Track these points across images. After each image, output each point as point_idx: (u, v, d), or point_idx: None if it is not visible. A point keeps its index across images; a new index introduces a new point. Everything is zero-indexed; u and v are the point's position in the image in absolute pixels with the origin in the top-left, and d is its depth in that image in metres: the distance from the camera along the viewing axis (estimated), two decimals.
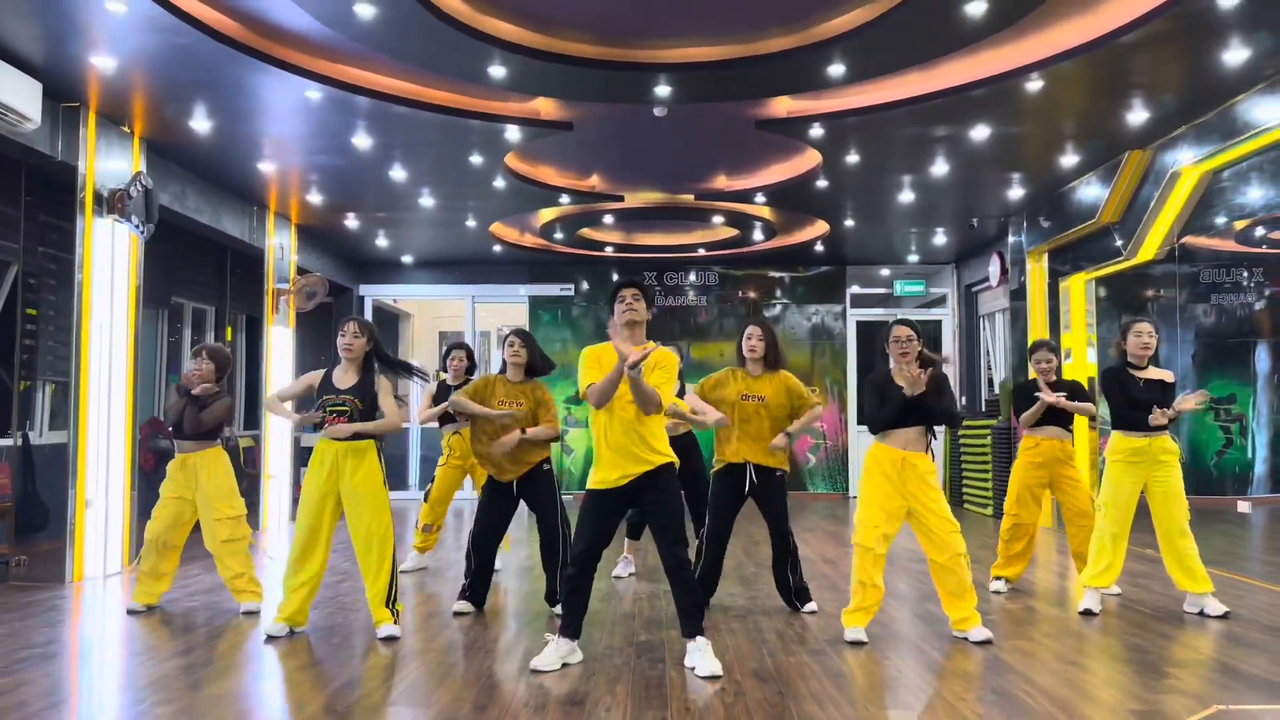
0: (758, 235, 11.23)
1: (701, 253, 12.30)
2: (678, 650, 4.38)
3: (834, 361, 12.96)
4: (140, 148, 7.24)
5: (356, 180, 8.70)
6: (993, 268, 11.14)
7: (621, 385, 4.17)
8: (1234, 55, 5.90)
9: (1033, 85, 6.36)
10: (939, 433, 11.17)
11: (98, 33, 5.48)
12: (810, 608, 5.37)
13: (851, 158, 8.01)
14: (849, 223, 10.55)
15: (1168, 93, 6.64)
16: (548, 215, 10.22)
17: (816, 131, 7.34)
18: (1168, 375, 5.41)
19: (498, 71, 6.10)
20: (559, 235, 11.12)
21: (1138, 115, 7.02)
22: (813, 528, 9.32)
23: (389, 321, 15.07)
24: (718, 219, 10.38)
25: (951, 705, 3.70)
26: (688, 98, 6.56)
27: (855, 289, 13.12)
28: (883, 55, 5.96)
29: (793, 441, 5.28)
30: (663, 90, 6.39)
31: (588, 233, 11.17)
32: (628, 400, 4.20)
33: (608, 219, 10.25)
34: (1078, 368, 9.17)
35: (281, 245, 10.12)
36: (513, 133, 7.28)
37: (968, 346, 12.85)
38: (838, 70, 6.12)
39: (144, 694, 3.87)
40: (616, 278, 12.76)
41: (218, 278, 10.56)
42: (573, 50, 5.98)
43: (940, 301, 13.19)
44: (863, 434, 12.35)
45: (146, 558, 5.47)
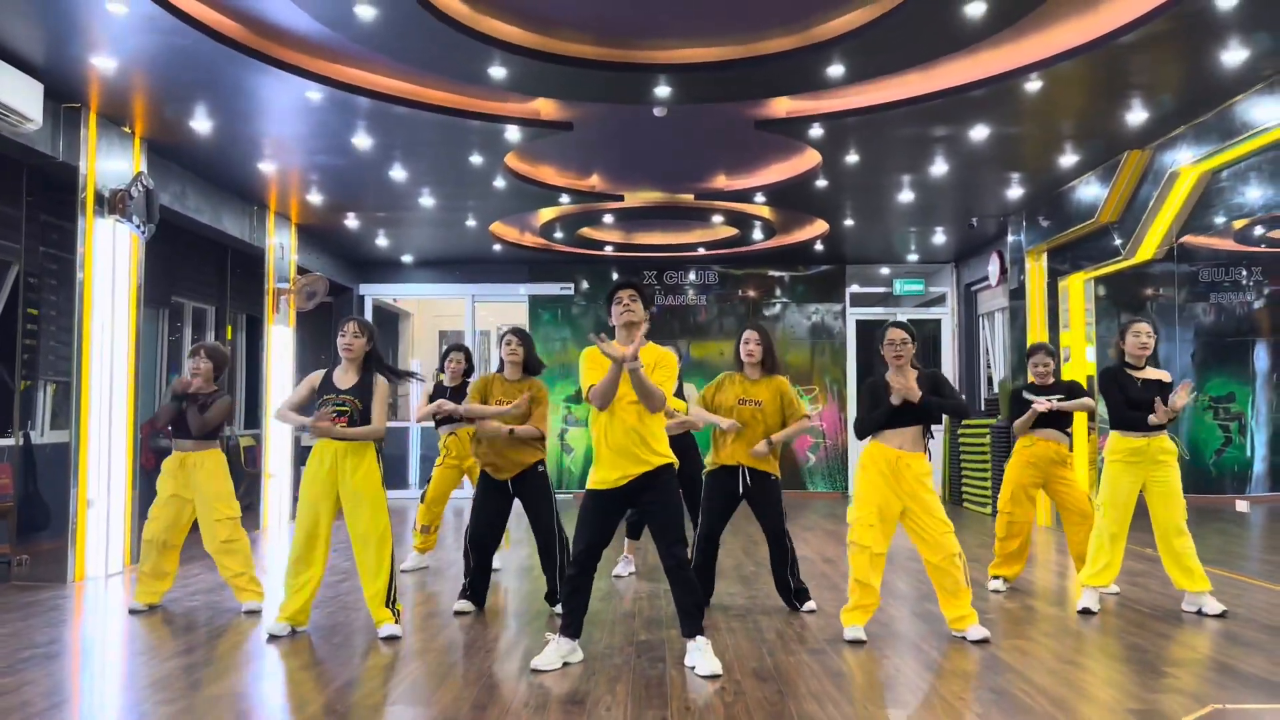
0: (757, 234, 11.24)
1: (701, 252, 12.32)
2: (678, 649, 4.40)
3: (834, 360, 12.97)
4: (141, 148, 7.26)
5: (357, 180, 8.71)
6: (992, 267, 11.15)
7: (623, 386, 4.18)
8: (1233, 56, 5.91)
9: (1032, 85, 6.37)
10: (937, 432, 11.20)
11: (99, 34, 5.49)
12: (809, 607, 5.39)
13: (851, 157, 8.03)
14: (848, 222, 10.57)
15: (1167, 93, 6.65)
16: (548, 215, 10.23)
17: (816, 131, 7.36)
18: (1165, 375, 5.43)
19: (498, 72, 6.12)
20: (559, 234, 11.13)
21: (1137, 115, 7.03)
22: (812, 526, 9.34)
23: (389, 321, 15.09)
24: (717, 218, 10.39)
25: (950, 704, 3.72)
26: (687, 98, 6.57)
27: (855, 288, 13.14)
28: (882, 56, 5.97)
29: (774, 449, 5.25)
30: (663, 91, 6.41)
31: (588, 232, 11.18)
32: (629, 401, 4.22)
33: (608, 218, 10.26)
34: (1077, 367, 9.18)
35: (282, 245, 10.13)
36: (513, 133, 7.30)
37: (967, 346, 12.87)
38: (837, 71, 6.13)
39: (146, 694, 3.89)
40: (616, 277, 12.82)
41: (218, 277, 10.57)
42: (573, 51, 6.00)
43: (939, 300, 13.21)
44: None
45: (146, 558, 5.48)
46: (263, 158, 7.96)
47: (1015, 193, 9.29)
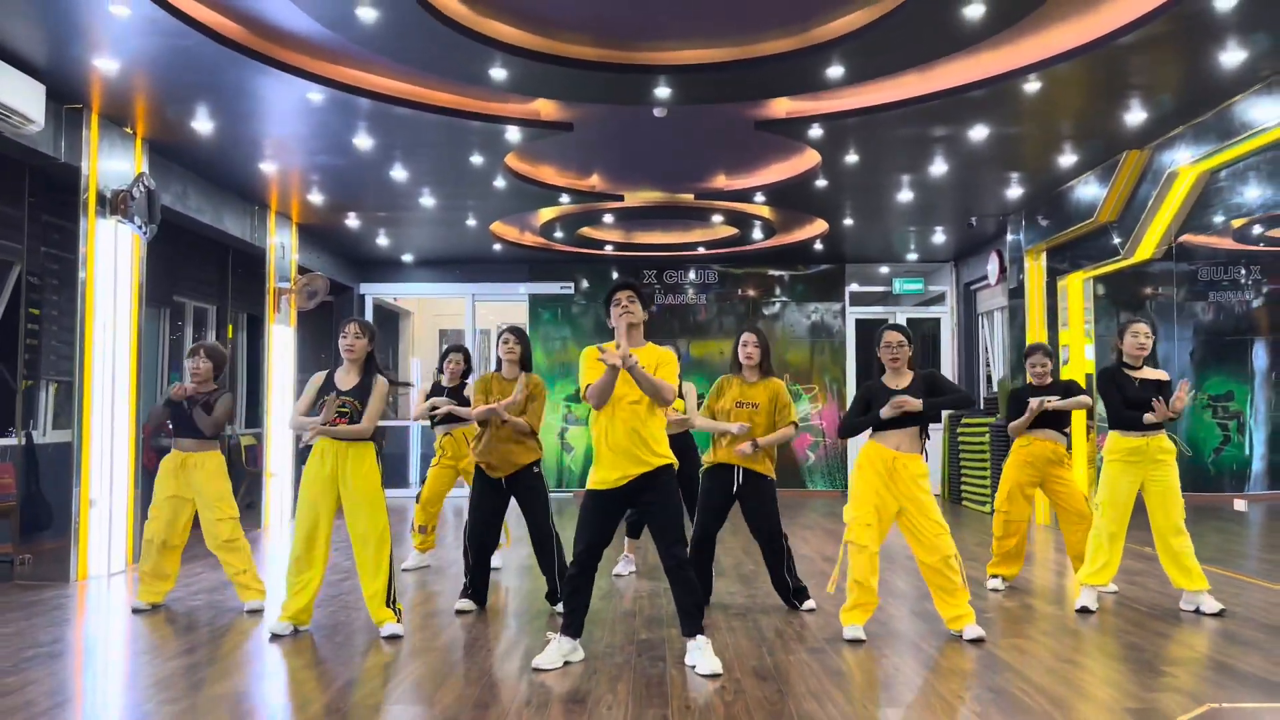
0: (757, 234, 11.26)
1: (701, 251, 12.33)
2: (678, 648, 4.42)
3: (833, 359, 12.99)
4: (142, 149, 7.27)
5: (357, 180, 8.73)
6: (991, 266, 11.18)
7: (623, 386, 4.20)
8: (1231, 56, 5.93)
9: (1031, 86, 6.38)
10: (935, 431, 11.18)
11: (101, 35, 5.51)
12: (809, 606, 5.41)
13: (850, 158, 8.04)
14: (848, 221, 10.58)
15: (1165, 93, 6.67)
16: (548, 214, 10.25)
17: (815, 132, 7.37)
18: (1163, 375, 5.45)
19: (498, 73, 6.13)
20: (559, 234, 11.14)
21: (1135, 115, 7.05)
22: (811, 525, 9.36)
23: (389, 320, 15.10)
24: (717, 218, 10.41)
25: (948, 703, 3.74)
26: (687, 99, 6.59)
27: (854, 287, 13.15)
28: (881, 57, 5.99)
29: (758, 451, 5.24)
30: (662, 92, 6.42)
31: (588, 231, 11.20)
32: (629, 401, 4.24)
33: (608, 218, 10.27)
34: (1076, 366, 9.20)
35: (283, 244, 10.15)
36: (513, 133, 7.31)
37: (966, 345, 12.89)
38: (837, 72, 6.15)
39: (149, 693, 3.91)
40: (615, 276, 12.84)
41: (219, 277, 10.59)
42: (573, 52, 6.01)
43: (939, 299, 13.23)
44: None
45: (147, 558, 5.50)
46: (264, 158, 7.97)
47: (1014, 192, 9.30)
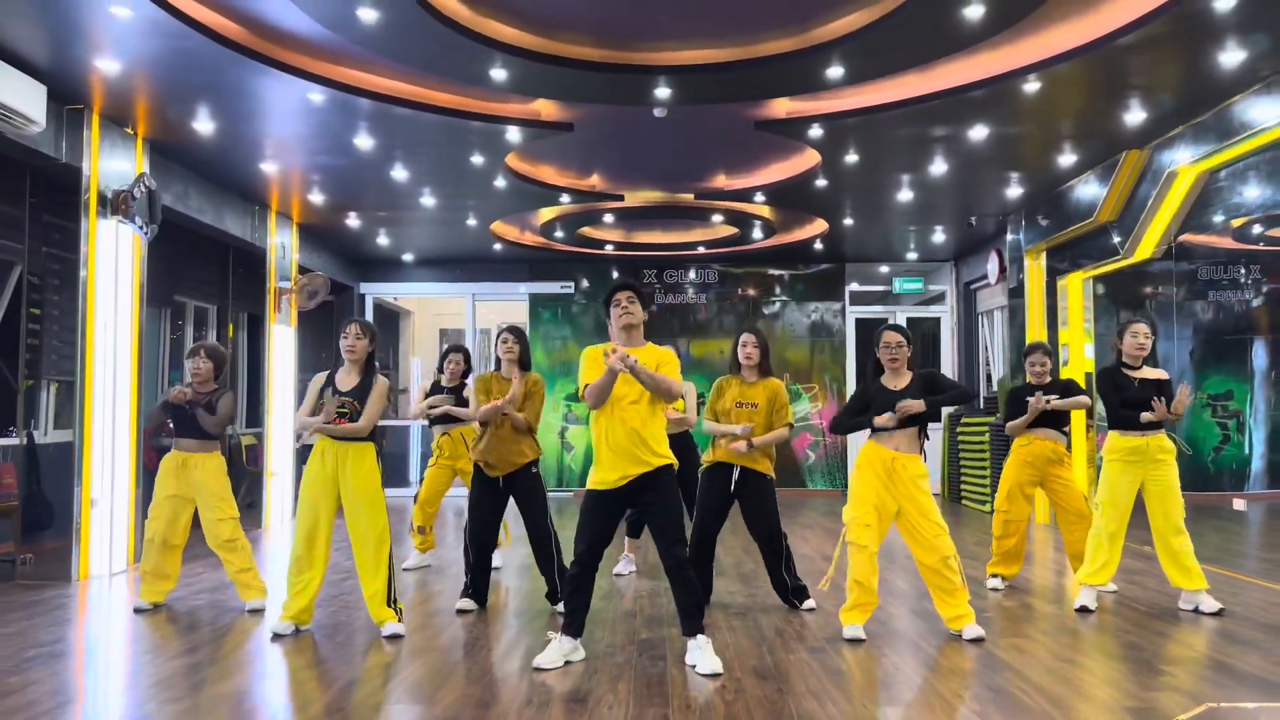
0: (757, 233, 11.27)
1: (701, 251, 12.34)
2: (679, 648, 4.44)
3: (833, 358, 13.00)
4: (143, 149, 7.28)
5: (358, 180, 8.74)
6: (991, 265, 11.19)
7: (623, 386, 4.21)
8: (1231, 57, 5.94)
9: (1030, 86, 6.40)
10: (935, 431, 11.18)
11: (102, 36, 5.52)
12: (809, 605, 5.43)
13: (850, 157, 8.05)
14: (848, 221, 10.59)
15: (1165, 93, 6.68)
16: (548, 214, 10.25)
17: (815, 132, 7.38)
18: (1162, 374, 5.46)
19: (499, 74, 6.14)
20: (559, 234, 11.15)
21: (1135, 115, 7.06)
22: (811, 525, 9.37)
23: (390, 319, 15.12)
24: (717, 218, 10.42)
25: (948, 702, 3.75)
26: (687, 99, 6.60)
27: (854, 286, 13.16)
28: (881, 57, 6.00)
29: (753, 450, 5.23)
30: (663, 92, 6.43)
31: (588, 231, 11.20)
32: (628, 401, 4.25)
33: (608, 218, 10.28)
34: (1075, 364, 9.22)
35: (283, 244, 10.16)
36: (513, 133, 7.32)
37: (966, 344, 12.90)
38: (837, 72, 6.16)
39: (151, 692, 3.93)
40: (616, 276, 12.85)
41: (220, 276, 10.59)
42: (573, 53, 6.02)
43: (939, 299, 13.24)
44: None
45: (148, 558, 5.52)
46: (264, 158, 7.98)
47: (1014, 192, 9.31)
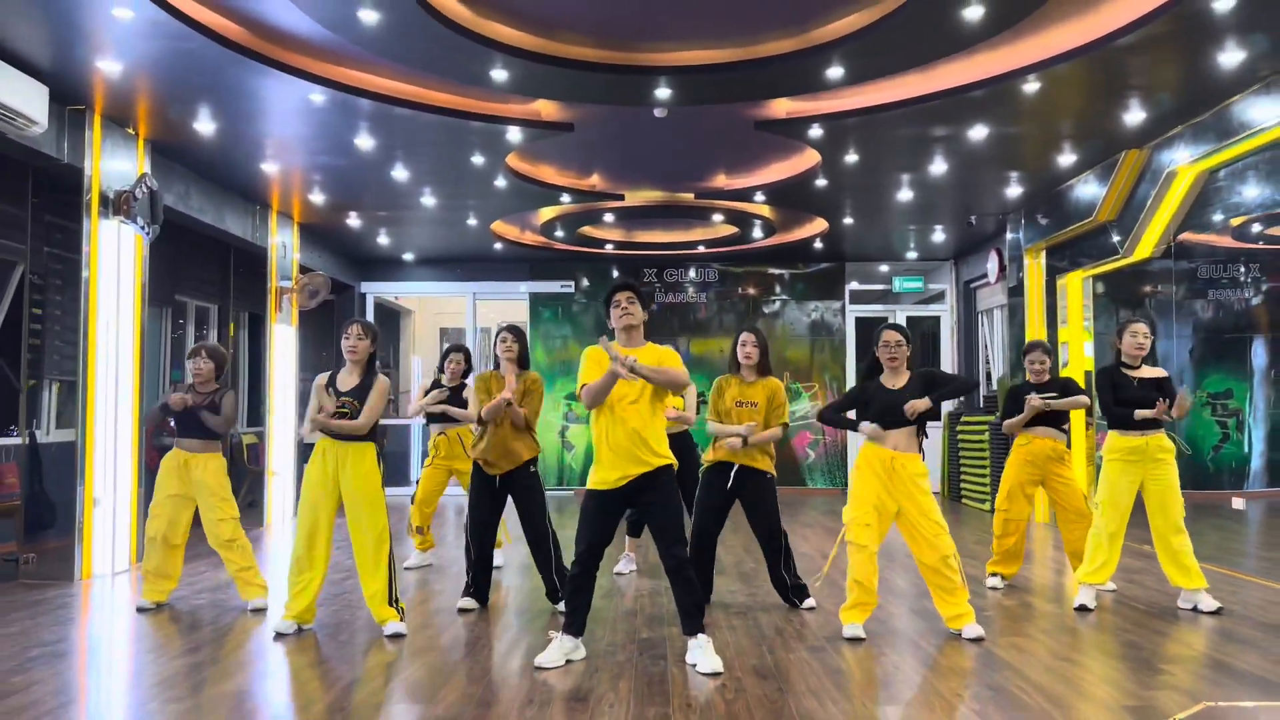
0: (757, 233, 11.28)
1: (701, 250, 12.35)
2: (679, 647, 4.45)
3: (833, 357, 13.02)
4: (145, 149, 7.30)
5: (358, 180, 8.75)
6: (991, 264, 11.20)
7: (623, 386, 4.23)
8: (1230, 57, 5.95)
9: (1030, 86, 6.41)
10: (934, 430, 11.19)
11: (103, 38, 5.53)
12: (809, 604, 5.44)
13: (850, 157, 8.07)
14: (848, 220, 10.61)
15: (1164, 93, 6.69)
16: (548, 213, 10.27)
17: (815, 132, 7.40)
18: (1161, 372, 5.48)
19: (499, 75, 6.16)
20: (559, 233, 11.17)
21: (1134, 115, 7.07)
22: (811, 524, 9.39)
23: (390, 318, 15.14)
24: (717, 217, 10.43)
25: (947, 701, 3.77)
26: (688, 100, 6.61)
27: (854, 285, 13.18)
28: (881, 58, 6.01)
29: (748, 447, 5.24)
30: (663, 92, 6.44)
31: (588, 230, 11.22)
32: (629, 401, 4.26)
33: (608, 217, 10.29)
34: (1075, 363, 9.23)
35: (284, 244, 10.18)
36: (514, 134, 7.33)
37: (966, 342, 12.92)
38: (837, 73, 6.17)
39: (154, 692, 3.94)
40: (616, 275, 12.87)
41: (221, 276, 10.62)
42: (574, 54, 6.03)
43: (939, 298, 13.25)
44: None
45: (150, 557, 5.54)
46: (265, 158, 8.00)
47: (1014, 191, 9.33)
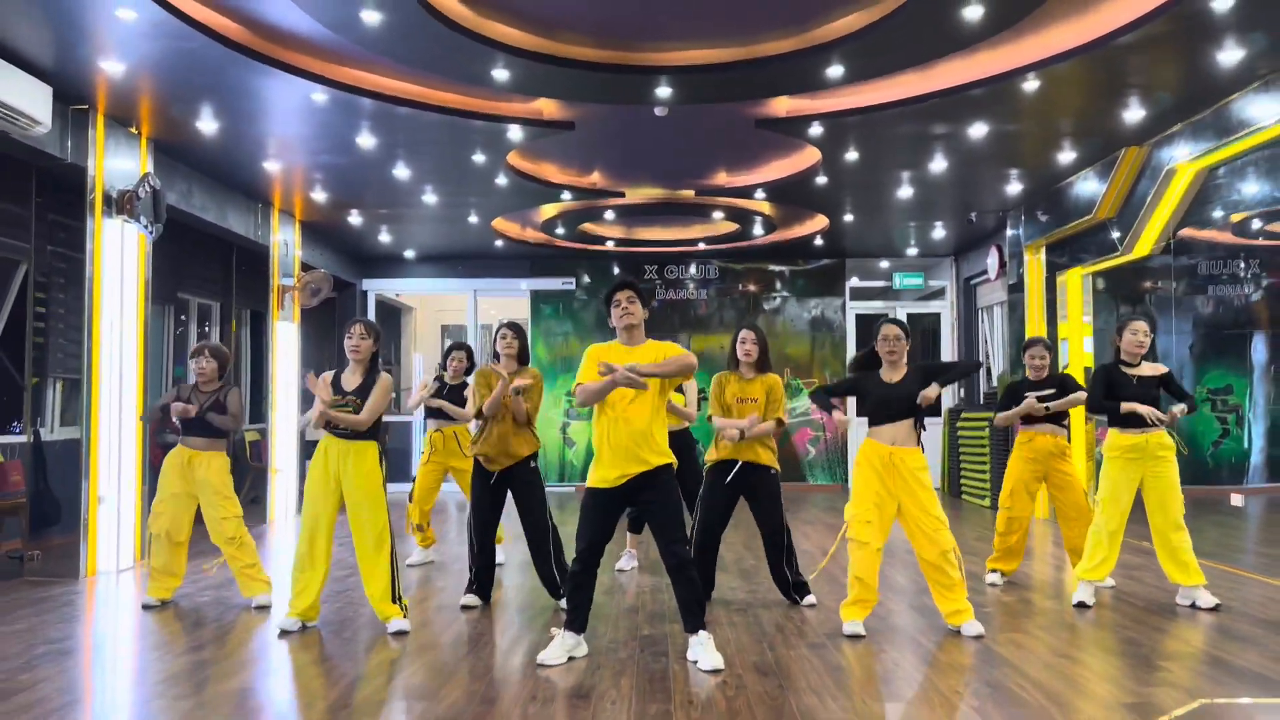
0: (758, 230, 11.29)
1: (702, 247, 12.37)
2: (680, 644, 4.49)
3: (833, 353, 13.04)
4: (147, 149, 7.32)
5: (360, 178, 8.78)
6: (991, 261, 11.22)
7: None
8: (1229, 55, 5.97)
9: (1030, 85, 6.43)
10: (934, 424, 11.22)
11: (106, 38, 5.55)
12: (809, 601, 5.47)
13: (851, 155, 8.09)
14: (848, 217, 10.63)
15: (1164, 92, 6.71)
16: (549, 211, 10.29)
17: (816, 130, 7.41)
18: (1160, 369, 5.50)
19: (501, 74, 6.18)
20: (560, 230, 11.18)
21: (1134, 113, 7.09)
22: (812, 520, 9.42)
23: (392, 316, 15.17)
24: (718, 214, 10.45)
25: (946, 698, 3.81)
26: (688, 99, 6.63)
27: (855, 282, 13.20)
28: (881, 57, 6.02)
29: (744, 439, 5.28)
30: (664, 91, 6.46)
31: (589, 228, 11.23)
32: (629, 400, 4.29)
33: (609, 214, 10.31)
34: (1075, 359, 9.25)
35: (286, 241, 10.20)
36: (515, 132, 7.35)
37: (966, 339, 12.94)
38: (837, 72, 6.19)
39: (159, 689, 3.98)
40: (617, 272, 12.89)
41: (223, 274, 10.65)
42: (575, 53, 6.05)
43: (939, 294, 13.27)
44: (861, 425, 12.45)
45: (157, 554, 5.58)
46: (267, 157, 8.02)
47: (1014, 188, 9.35)
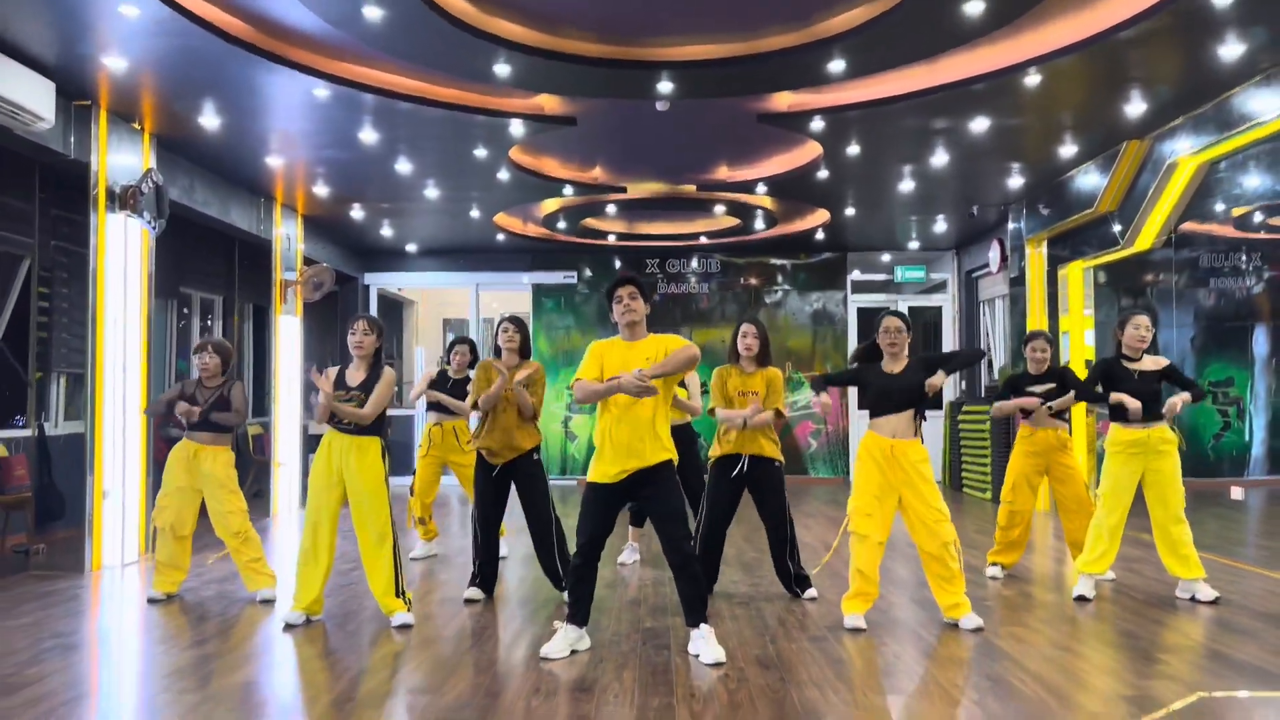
0: (759, 224, 11.31)
1: (704, 241, 12.39)
2: (682, 637, 4.51)
3: (835, 347, 13.06)
4: (150, 144, 7.33)
5: (362, 173, 8.79)
6: (993, 254, 11.22)
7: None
8: (1230, 50, 5.97)
9: (1031, 80, 6.43)
10: (935, 417, 11.23)
11: (109, 34, 5.57)
12: (810, 594, 5.50)
13: (852, 149, 8.09)
14: (850, 211, 10.63)
15: (1165, 86, 6.71)
16: (551, 205, 10.31)
17: (817, 125, 7.42)
18: (1161, 361, 5.51)
19: (503, 70, 6.18)
20: (562, 225, 11.20)
21: (1135, 107, 7.09)
22: (814, 513, 9.45)
23: (394, 309, 15.19)
24: (719, 209, 10.47)
25: (946, 691, 3.83)
26: (690, 93, 6.64)
27: (856, 275, 13.21)
28: (883, 52, 6.03)
29: (745, 428, 5.31)
30: (665, 86, 6.47)
31: (591, 222, 11.25)
32: (633, 398, 4.30)
33: (610, 209, 10.33)
34: (1076, 352, 9.27)
35: (288, 236, 10.21)
36: (517, 127, 7.36)
37: (968, 332, 12.95)
38: (838, 66, 6.19)
39: (166, 683, 4.01)
40: (618, 266, 12.90)
41: (226, 268, 10.67)
42: (576, 49, 6.06)
43: (941, 287, 13.28)
44: (863, 418, 12.47)
45: (162, 548, 5.61)
46: (270, 152, 8.04)
47: (1015, 182, 9.35)
